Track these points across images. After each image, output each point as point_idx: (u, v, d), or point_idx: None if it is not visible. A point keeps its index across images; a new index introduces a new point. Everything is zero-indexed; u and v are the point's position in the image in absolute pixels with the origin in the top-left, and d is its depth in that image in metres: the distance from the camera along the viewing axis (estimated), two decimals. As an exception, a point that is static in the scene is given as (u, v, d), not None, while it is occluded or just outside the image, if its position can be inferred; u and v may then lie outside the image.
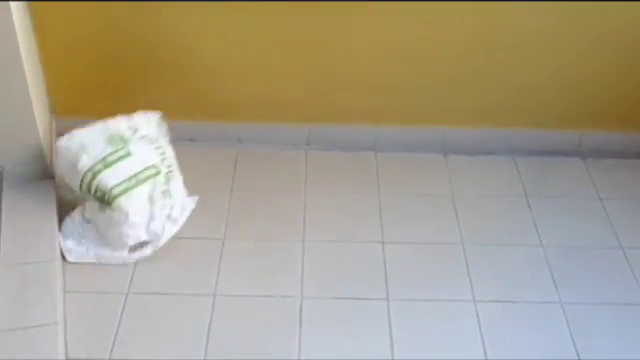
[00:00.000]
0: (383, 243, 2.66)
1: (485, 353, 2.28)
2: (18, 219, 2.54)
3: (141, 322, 2.34)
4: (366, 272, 2.55)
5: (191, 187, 2.71)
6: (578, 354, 2.28)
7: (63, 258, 2.50)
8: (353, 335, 2.32)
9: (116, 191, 2.46)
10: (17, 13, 2.44)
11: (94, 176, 2.48)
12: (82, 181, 2.49)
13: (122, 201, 2.46)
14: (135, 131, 2.62)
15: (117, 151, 2.53)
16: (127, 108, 3.00)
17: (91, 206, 2.54)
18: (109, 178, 2.47)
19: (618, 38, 2.83)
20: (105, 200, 2.46)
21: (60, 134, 2.99)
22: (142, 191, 2.51)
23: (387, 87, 2.97)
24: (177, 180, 2.64)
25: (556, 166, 3.06)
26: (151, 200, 2.52)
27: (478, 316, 2.40)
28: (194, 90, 2.97)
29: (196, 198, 2.70)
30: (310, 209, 2.79)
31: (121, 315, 2.35)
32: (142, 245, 2.53)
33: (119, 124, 2.62)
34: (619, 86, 2.97)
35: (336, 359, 2.25)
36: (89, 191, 2.49)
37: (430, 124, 3.07)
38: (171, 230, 2.59)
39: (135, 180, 2.50)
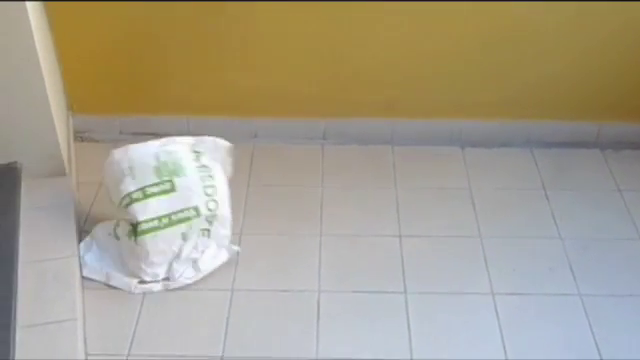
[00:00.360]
0: (400, 237, 2.65)
1: (504, 346, 2.27)
2: (36, 216, 2.55)
3: (159, 318, 2.34)
4: (383, 266, 2.54)
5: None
6: (597, 346, 2.26)
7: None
8: (371, 329, 2.32)
9: (144, 227, 2.38)
10: (33, 12, 2.45)
11: (130, 202, 2.39)
12: (121, 202, 2.42)
13: (147, 239, 2.38)
14: (198, 156, 2.54)
15: (161, 184, 2.43)
16: (144, 106, 3.03)
17: (124, 226, 2.47)
18: (142, 211, 2.38)
19: (637, 28, 2.80)
20: (134, 230, 2.40)
21: (77, 131, 3.03)
22: (172, 233, 2.41)
23: (403, 81, 2.96)
24: (222, 223, 2.50)
25: (574, 158, 3.05)
26: (185, 237, 2.43)
27: (496, 309, 2.39)
28: (211, 86, 2.97)
29: (237, 250, 2.55)
30: (327, 203, 2.79)
31: (140, 311, 2.36)
32: (152, 282, 2.45)
33: (183, 144, 2.55)
34: (637, 77, 2.94)
35: (354, 353, 2.24)
36: (124, 212, 2.42)
37: (447, 117, 3.06)
38: (189, 277, 2.45)
39: (167, 220, 2.40)
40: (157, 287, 2.44)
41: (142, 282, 2.45)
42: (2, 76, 2.48)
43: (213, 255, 2.50)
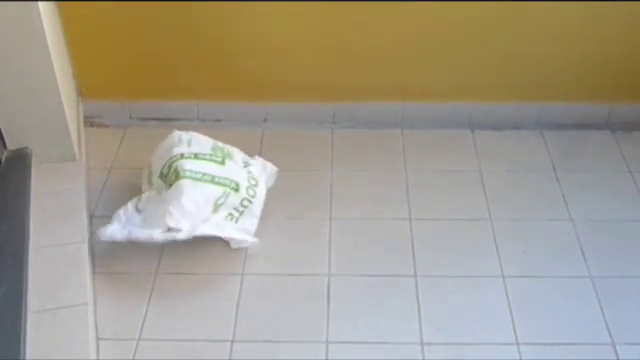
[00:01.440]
0: (410, 220, 2.65)
1: (514, 328, 2.27)
2: (47, 201, 2.56)
3: (170, 302, 2.36)
4: (393, 249, 2.54)
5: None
6: (609, 328, 2.26)
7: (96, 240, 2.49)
8: (381, 312, 2.32)
9: (187, 174, 2.46)
10: (42, -3, 2.46)
11: (180, 158, 2.53)
12: (168, 160, 2.54)
13: (185, 183, 2.44)
14: (246, 166, 2.65)
15: (214, 156, 2.59)
16: (154, 91, 3.03)
17: (149, 194, 2.52)
18: (190, 164, 2.51)
19: (647, 8, 2.79)
20: (172, 180, 2.47)
21: (87, 116, 3.04)
22: (210, 190, 2.48)
23: (412, 64, 2.94)
24: (250, 220, 2.55)
25: (585, 139, 3.03)
26: (215, 204, 2.47)
27: (507, 291, 2.38)
28: (220, 71, 2.97)
29: (256, 241, 2.52)
30: (337, 187, 2.79)
31: (150, 295, 2.37)
32: (176, 230, 2.45)
33: (235, 150, 2.69)
34: (649, 57, 2.93)
35: (364, 337, 2.25)
36: (168, 170, 2.52)
37: (456, 100, 3.05)
38: (208, 231, 2.44)
39: (210, 178, 2.49)
40: (181, 235, 2.40)
41: (163, 231, 2.40)
42: (12, 62, 2.48)
43: (236, 230, 2.51)
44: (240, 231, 2.51)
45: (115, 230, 2.44)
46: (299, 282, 2.42)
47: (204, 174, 2.49)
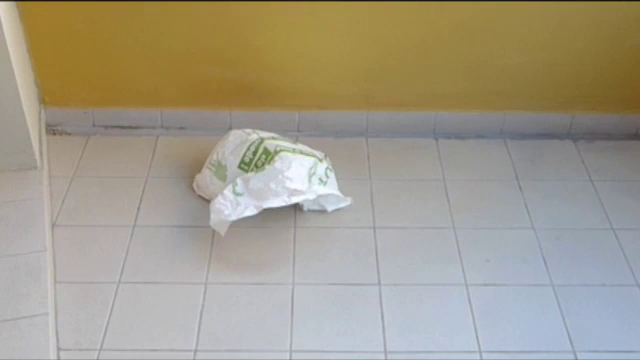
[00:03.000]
0: (374, 228, 2.66)
1: (477, 336, 2.28)
2: (7, 210, 2.54)
3: (132, 312, 2.33)
4: (357, 257, 2.55)
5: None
6: (570, 336, 2.28)
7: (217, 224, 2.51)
8: (345, 321, 2.32)
9: (283, 148, 2.63)
10: (3, 3, 2.42)
11: (262, 142, 2.67)
12: (248, 149, 2.66)
13: (287, 155, 2.60)
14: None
15: (288, 140, 2.76)
16: (117, 98, 3.01)
17: (244, 178, 2.57)
18: (277, 143, 2.66)
19: (609, 20, 2.81)
20: (267, 160, 2.60)
21: (49, 124, 3.01)
22: (305, 160, 2.63)
23: (377, 72, 2.95)
24: (333, 183, 2.73)
25: (547, 148, 3.06)
26: (309, 174, 2.61)
27: (470, 300, 2.40)
28: (184, 78, 2.96)
29: (349, 200, 2.74)
30: (301, 195, 2.79)
31: (112, 305, 2.35)
32: (299, 192, 2.53)
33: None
34: (610, 68, 2.95)
35: (328, 345, 2.25)
36: (253, 156, 2.64)
37: (421, 109, 3.06)
38: (321, 191, 2.61)
39: (299, 151, 2.67)
40: (306, 195, 2.54)
41: (290, 195, 2.52)
42: (-29, 69, 2.46)
43: (334, 189, 2.70)
44: (334, 191, 2.68)
45: (229, 214, 2.49)
46: (263, 291, 2.41)
47: (294, 149, 2.67)
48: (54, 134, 3.04)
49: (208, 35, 2.84)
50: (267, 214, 2.66)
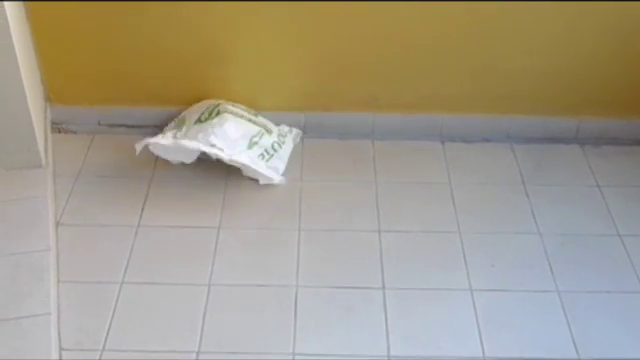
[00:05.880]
0: (379, 232, 2.65)
1: (481, 342, 2.26)
2: (12, 208, 2.53)
3: (135, 313, 2.33)
4: (362, 261, 2.53)
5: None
6: (575, 343, 2.27)
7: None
8: (349, 324, 2.31)
9: (229, 111, 2.82)
10: (10, 2, 2.42)
11: (219, 105, 2.86)
12: (206, 110, 2.84)
13: (229, 116, 2.80)
14: (276, 125, 2.95)
15: (248, 110, 2.92)
16: (122, 97, 3.01)
17: (187, 127, 2.79)
18: (231, 108, 2.86)
19: (616, 25, 2.80)
20: (214, 117, 2.79)
21: (54, 122, 3.00)
22: (248, 126, 2.82)
23: (384, 74, 2.94)
24: (279, 160, 2.86)
25: (554, 153, 3.04)
26: (250, 141, 2.78)
27: (475, 305, 2.38)
28: (189, 78, 2.95)
29: (283, 180, 2.84)
30: (306, 197, 2.78)
31: (115, 305, 2.34)
32: (219, 149, 2.70)
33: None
34: (618, 72, 2.94)
35: (331, 349, 2.24)
36: (208, 116, 2.80)
37: (427, 112, 3.05)
38: (243, 159, 2.73)
39: (248, 119, 2.85)
40: (223, 154, 2.70)
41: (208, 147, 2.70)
42: (-23, 67, 2.45)
43: (267, 168, 2.81)
44: (270, 169, 2.80)
45: (159, 139, 2.72)
46: (266, 293, 2.41)
47: (242, 115, 2.85)
48: (59, 132, 3.03)
49: (214, 35, 2.83)
50: (271, 214, 2.66)
